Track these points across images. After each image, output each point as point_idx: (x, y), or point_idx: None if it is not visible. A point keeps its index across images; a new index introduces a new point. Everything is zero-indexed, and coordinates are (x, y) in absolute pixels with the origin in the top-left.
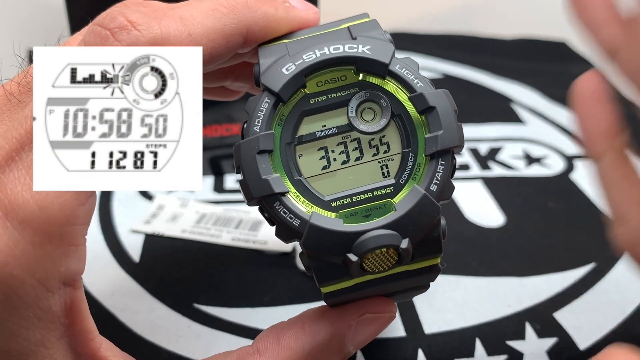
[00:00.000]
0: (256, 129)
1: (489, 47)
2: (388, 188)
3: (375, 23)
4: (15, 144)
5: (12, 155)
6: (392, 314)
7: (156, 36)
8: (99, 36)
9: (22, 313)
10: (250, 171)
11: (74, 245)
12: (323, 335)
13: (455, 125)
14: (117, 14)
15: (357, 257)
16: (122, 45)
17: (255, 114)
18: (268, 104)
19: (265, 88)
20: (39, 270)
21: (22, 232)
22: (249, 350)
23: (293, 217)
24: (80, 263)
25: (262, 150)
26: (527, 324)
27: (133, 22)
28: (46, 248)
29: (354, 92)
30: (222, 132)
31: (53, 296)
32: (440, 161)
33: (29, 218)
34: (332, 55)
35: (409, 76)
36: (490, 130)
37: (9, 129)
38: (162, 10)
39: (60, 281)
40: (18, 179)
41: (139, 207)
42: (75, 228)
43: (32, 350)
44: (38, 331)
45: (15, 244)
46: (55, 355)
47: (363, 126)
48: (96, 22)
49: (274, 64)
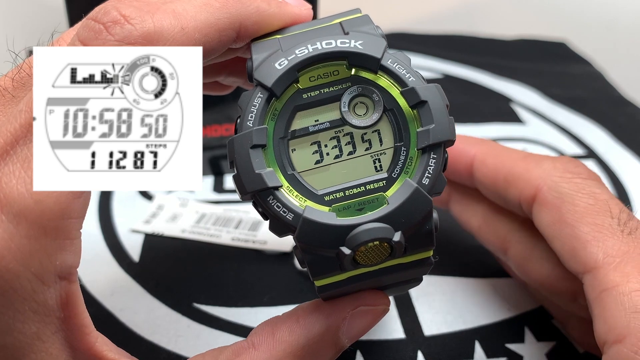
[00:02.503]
0: (249, 124)
1: (489, 47)
2: (380, 182)
3: (367, 18)
4: (10, 138)
5: (7, 150)
6: (385, 306)
7: (149, 30)
8: (92, 30)
9: (17, 306)
10: (243, 166)
11: (69, 239)
12: (318, 328)
13: (447, 119)
14: (110, 8)
15: (350, 250)
16: (116, 39)
17: (248, 109)
18: (261, 98)
19: (258, 83)
20: (34, 264)
21: (17, 225)
22: (244, 344)
23: (286, 211)
24: (75, 257)
25: (256, 145)
26: (526, 327)
27: (126, 16)
28: (41, 241)
29: (346, 86)
30: (222, 132)
31: (49, 290)
32: (432, 155)
33: (24, 211)
34: (325, 50)
35: (400, 71)
36: (490, 130)
37: (4, 124)
38: (155, 4)
39: (55, 275)
40: (13, 172)
41: (138, 207)
42: (71, 221)
43: (28, 343)
44: (34, 324)
45: (11, 237)
46: (51, 349)
47: (355, 120)
48: (90, 17)
49: (267, 59)
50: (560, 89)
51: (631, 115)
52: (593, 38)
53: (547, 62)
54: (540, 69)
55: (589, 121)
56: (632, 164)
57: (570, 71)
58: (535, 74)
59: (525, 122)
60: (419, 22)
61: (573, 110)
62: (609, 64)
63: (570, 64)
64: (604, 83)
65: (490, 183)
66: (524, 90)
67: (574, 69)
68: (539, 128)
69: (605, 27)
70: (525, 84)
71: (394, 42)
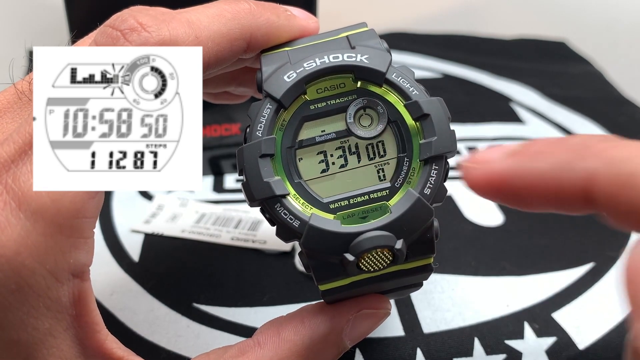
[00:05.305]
0: (258, 134)
1: (489, 47)
2: (384, 191)
3: (373, 33)
4: (28, 139)
5: (25, 150)
6: (387, 310)
7: (165, 38)
8: (110, 37)
9: (32, 302)
10: (252, 174)
11: (83, 238)
12: (322, 329)
13: (449, 131)
14: (127, 16)
15: (354, 257)
16: (132, 46)
17: (257, 119)
18: (270, 109)
19: (267, 94)
20: (49, 261)
21: (34, 223)
22: (250, 343)
23: (293, 218)
24: (88, 255)
25: (264, 154)
26: (525, 324)
27: (143, 24)
28: (57, 239)
29: (352, 99)
30: (222, 132)
31: (62, 287)
32: (434, 166)
33: (41, 210)
34: (332, 64)
35: (404, 84)
36: (489, 129)
37: (22, 125)
38: (170, 14)
39: (69, 272)
40: (31, 172)
41: (138, 207)
42: (85, 220)
43: (40, 339)
44: (47, 321)
45: (28, 234)
46: (62, 345)
47: (360, 131)
48: (107, 24)
49: (276, 72)
50: (560, 88)
51: (630, 114)
52: (593, 38)
53: (547, 61)
54: (540, 68)
55: (589, 120)
56: None
57: (569, 71)
58: (535, 73)
59: (525, 121)
60: (419, 22)
61: (573, 109)
62: (608, 64)
63: (570, 63)
64: (603, 82)
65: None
66: (524, 89)
67: (573, 68)
68: (538, 127)
69: (605, 27)
70: (525, 83)
71: (394, 42)
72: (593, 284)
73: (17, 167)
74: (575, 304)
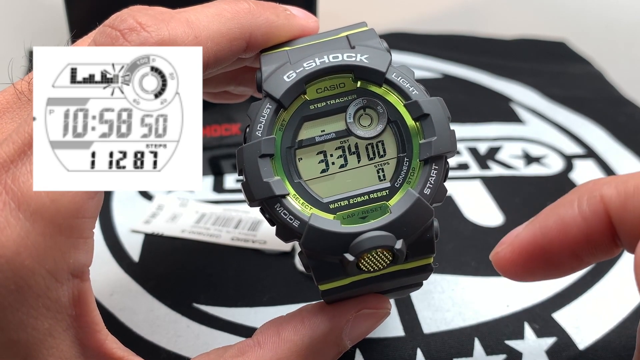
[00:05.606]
0: (258, 134)
1: (489, 47)
2: (384, 191)
3: (373, 32)
4: (27, 139)
5: (24, 150)
6: (387, 310)
7: (164, 37)
8: (109, 37)
9: (31, 303)
10: (252, 174)
11: (83, 238)
12: (322, 329)
13: (449, 131)
14: (127, 16)
15: (354, 257)
16: (131, 45)
17: (257, 119)
18: (270, 109)
19: (267, 94)
20: (48, 261)
21: (33, 223)
22: (250, 343)
23: (293, 219)
24: (88, 255)
25: (264, 154)
26: (526, 324)
27: (142, 24)
28: (56, 239)
29: (352, 98)
30: (222, 132)
31: (62, 287)
32: (433, 166)
33: (41, 210)
34: (332, 64)
35: (404, 84)
36: (489, 129)
37: (21, 125)
38: (169, 13)
39: (68, 272)
40: (30, 172)
41: (138, 207)
42: (85, 221)
43: (40, 339)
44: (46, 321)
45: (27, 234)
46: (62, 345)
47: (360, 131)
48: (107, 24)
49: (276, 72)
50: (560, 88)
51: (630, 114)
52: (592, 38)
53: (547, 61)
54: (540, 68)
55: (589, 121)
56: (632, 163)
57: (569, 71)
58: (535, 73)
59: (525, 121)
60: (419, 22)
61: (573, 109)
62: (608, 64)
63: (570, 63)
64: (603, 83)
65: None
66: (524, 90)
67: (573, 68)
68: (538, 128)
69: (605, 27)
70: (524, 83)
71: (394, 42)
72: (593, 284)
73: (17, 168)
74: (575, 304)
